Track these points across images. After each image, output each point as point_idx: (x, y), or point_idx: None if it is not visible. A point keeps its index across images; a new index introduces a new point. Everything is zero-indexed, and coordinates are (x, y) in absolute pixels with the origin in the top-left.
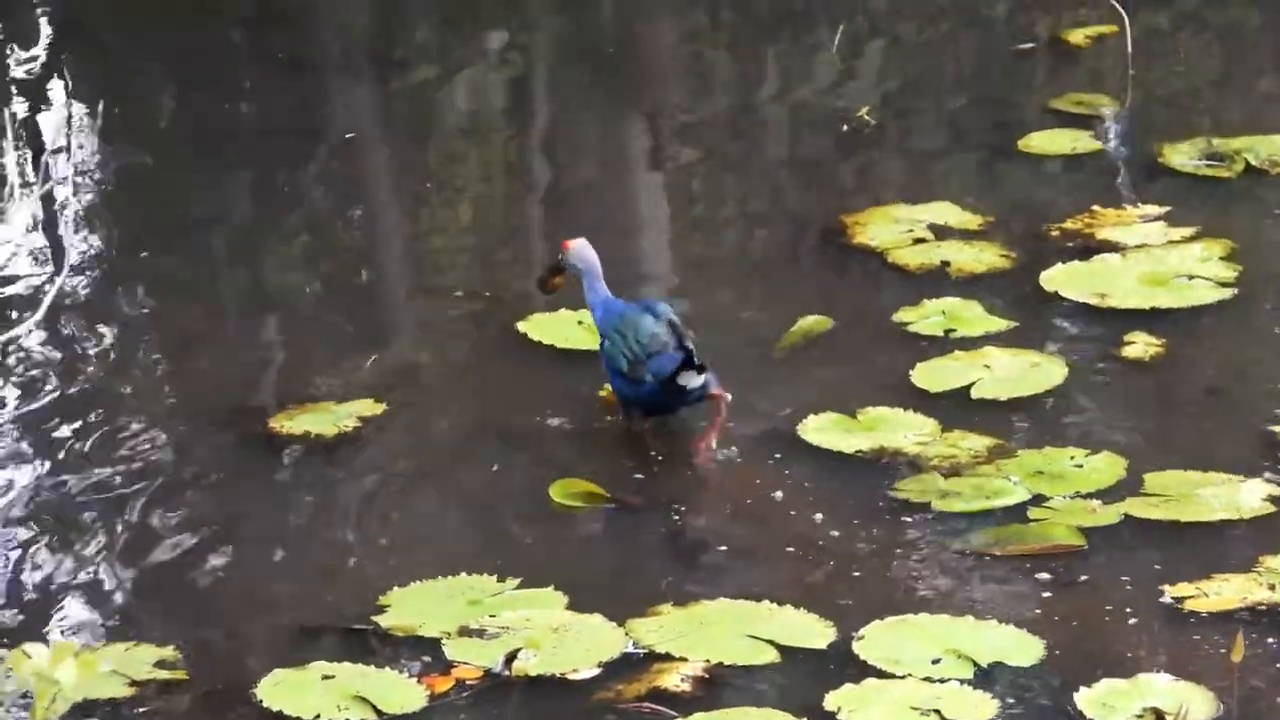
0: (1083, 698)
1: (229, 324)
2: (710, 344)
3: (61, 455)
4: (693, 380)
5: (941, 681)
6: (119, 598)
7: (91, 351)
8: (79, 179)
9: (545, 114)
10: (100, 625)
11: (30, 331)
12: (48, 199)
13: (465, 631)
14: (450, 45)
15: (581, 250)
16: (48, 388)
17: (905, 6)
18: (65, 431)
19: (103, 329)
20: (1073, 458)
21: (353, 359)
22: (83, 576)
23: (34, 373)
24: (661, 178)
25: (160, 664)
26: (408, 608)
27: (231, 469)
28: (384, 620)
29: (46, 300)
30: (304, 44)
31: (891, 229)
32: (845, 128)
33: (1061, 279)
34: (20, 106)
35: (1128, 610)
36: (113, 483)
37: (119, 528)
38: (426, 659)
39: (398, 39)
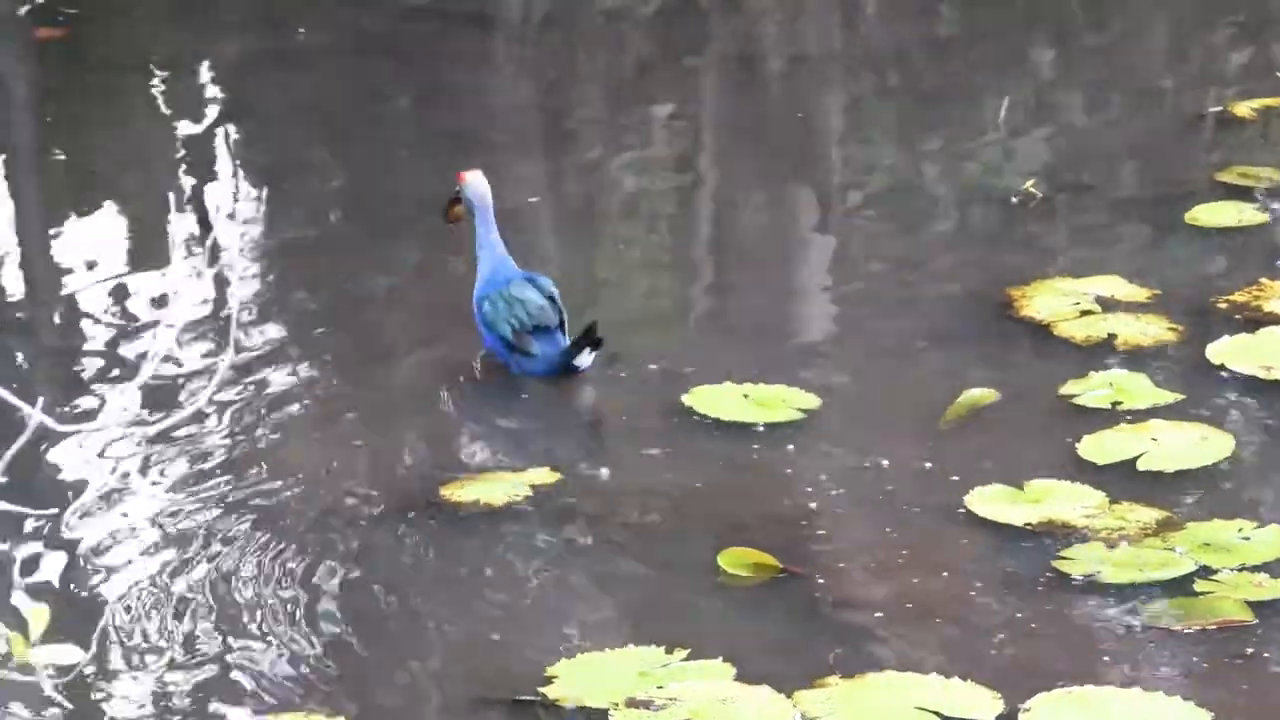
0: None
1: (401, 395)
2: (875, 414)
3: (229, 525)
4: (585, 360)
5: None
6: (288, 668)
7: (261, 426)
8: (246, 254)
9: (711, 185)
10: (270, 695)
11: (200, 409)
12: (216, 276)
13: (633, 703)
14: (618, 118)
15: (476, 184)
16: (216, 462)
17: (1071, 78)
18: (233, 502)
19: (272, 404)
20: (1240, 530)
21: (525, 429)
22: (252, 647)
23: (202, 447)
24: (826, 248)
25: None
26: (575, 678)
27: (401, 538)
28: (551, 691)
29: (216, 378)
30: (470, 119)
31: (1058, 301)
32: (1011, 200)
33: (1229, 351)
34: (186, 181)
35: None
36: (281, 551)
37: (286, 596)
38: None
39: (565, 113)
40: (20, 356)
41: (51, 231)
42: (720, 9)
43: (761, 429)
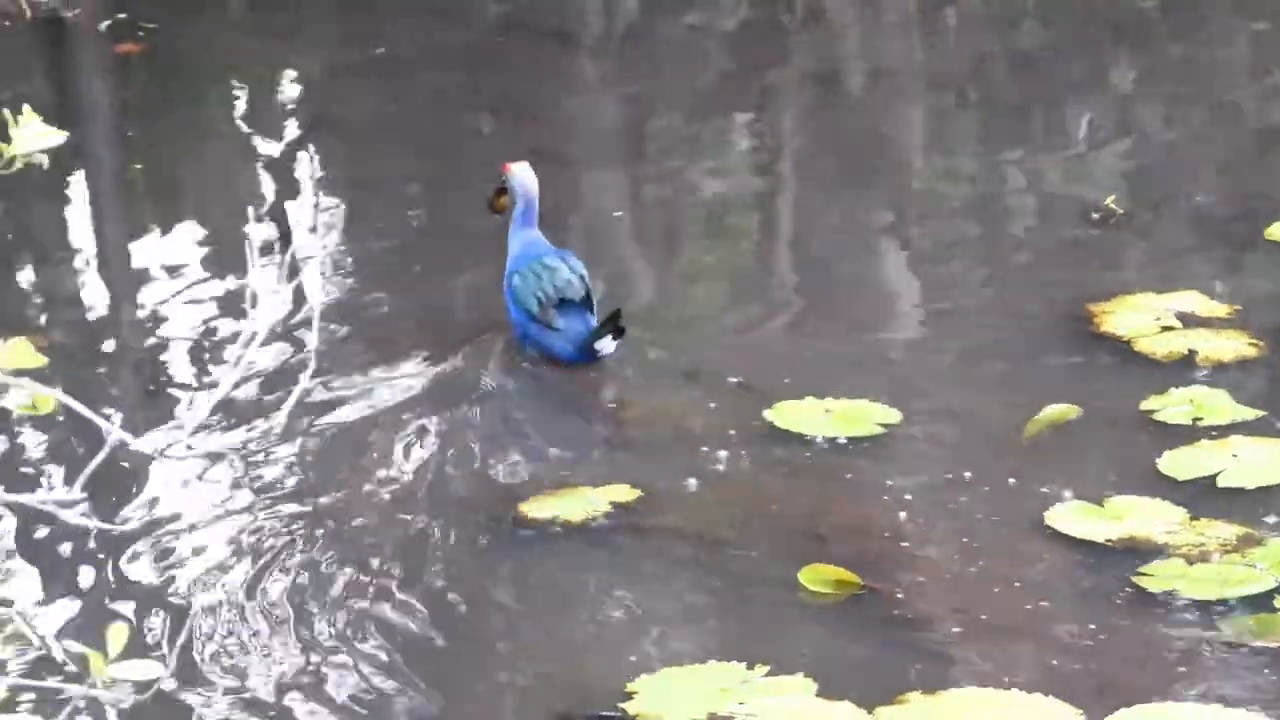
0: None
1: (479, 408)
2: (955, 430)
3: (307, 540)
4: (608, 347)
5: None
6: (368, 683)
7: (339, 440)
8: (325, 266)
9: (791, 198)
10: (350, 711)
11: (279, 422)
12: (296, 288)
13: (714, 719)
14: (699, 131)
15: (521, 174)
16: (294, 476)
17: (1152, 92)
18: (310, 517)
19: (350, 418)
20: None
21: (603, 443)
22: (331, 661)
23: (280, 461)
24: (906, 263)
25: None
26: (656, 694)
27: (480, 553)
28: (632, 707)
29: (295, 391)
30: (552, 132)
31: (1138, 317)
32: (1092, 215)
33: None
34: (266, 194)
35: None
36: (359, 567)
37: (365, 612)
38: None
39: (646, 126)
40: (99, 370)
41: (132, 244)
42: (801, 24)
43: (843, 444)
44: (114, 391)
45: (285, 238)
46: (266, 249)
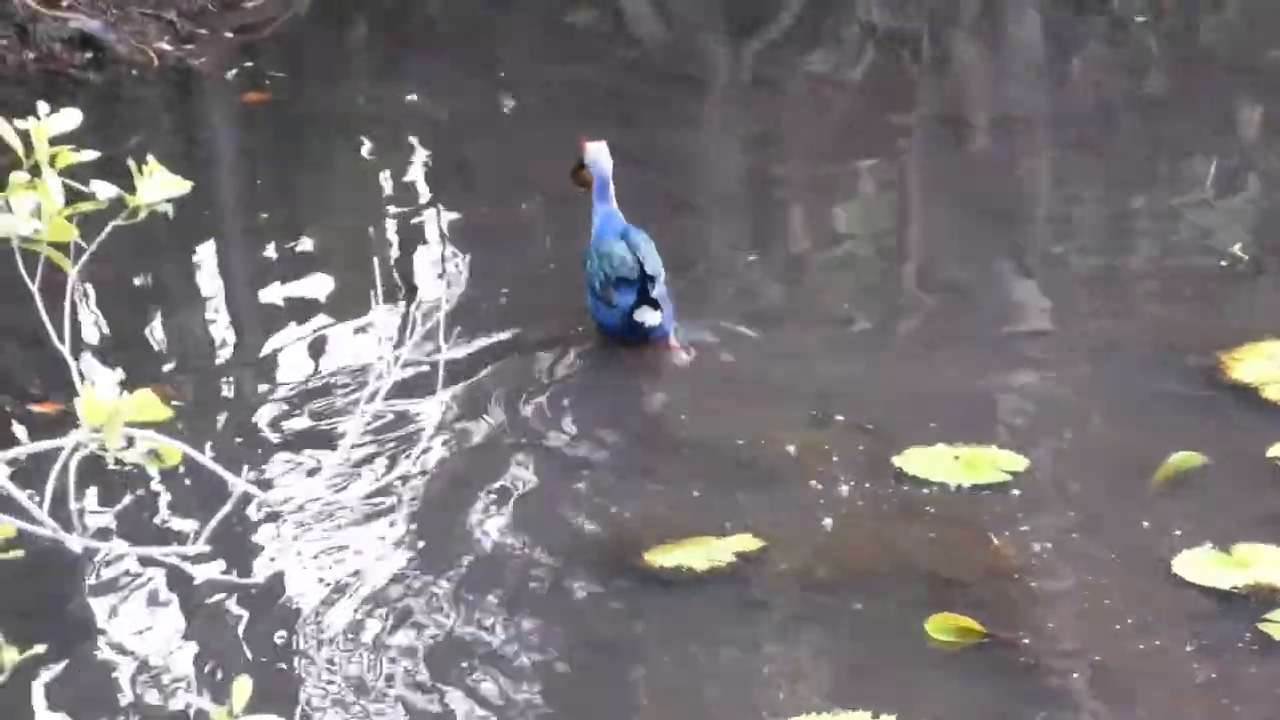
0: None
1: (607, 457)
2: (1081, 475)
3: (432, 588)
4: (648, 317)
5: None
6: None
7: (463, 487)
8: (451, 314)
9: (917, 243)
10: None
11: (404, 474)
12: (422, 336)
13: None
14: (825, 176)
15: (598, 153)
16: (418, 523)
17: (1278, 140)
18: (434, 565)
19: (474, 466)
20: None
21: (730, 490)
22: (458, 711)
23: (404, 508)
24: (1032, 307)
25: None
26: None
27: (606, 602)
28: None
29: (420, 444)
30: (681, 176)
31: (1267, 365)
32: (1220, 263)
33: None
34: (393, 241)
35: None
36: (487, 616)
37: (492, 663)
38: None
39: (773, 171)
40: (226, 420)
41: (258, 293)
42: (926, 71)
43: (971, 491)
44: (240, 442)
45: (411, 287)
46: (393, 298)
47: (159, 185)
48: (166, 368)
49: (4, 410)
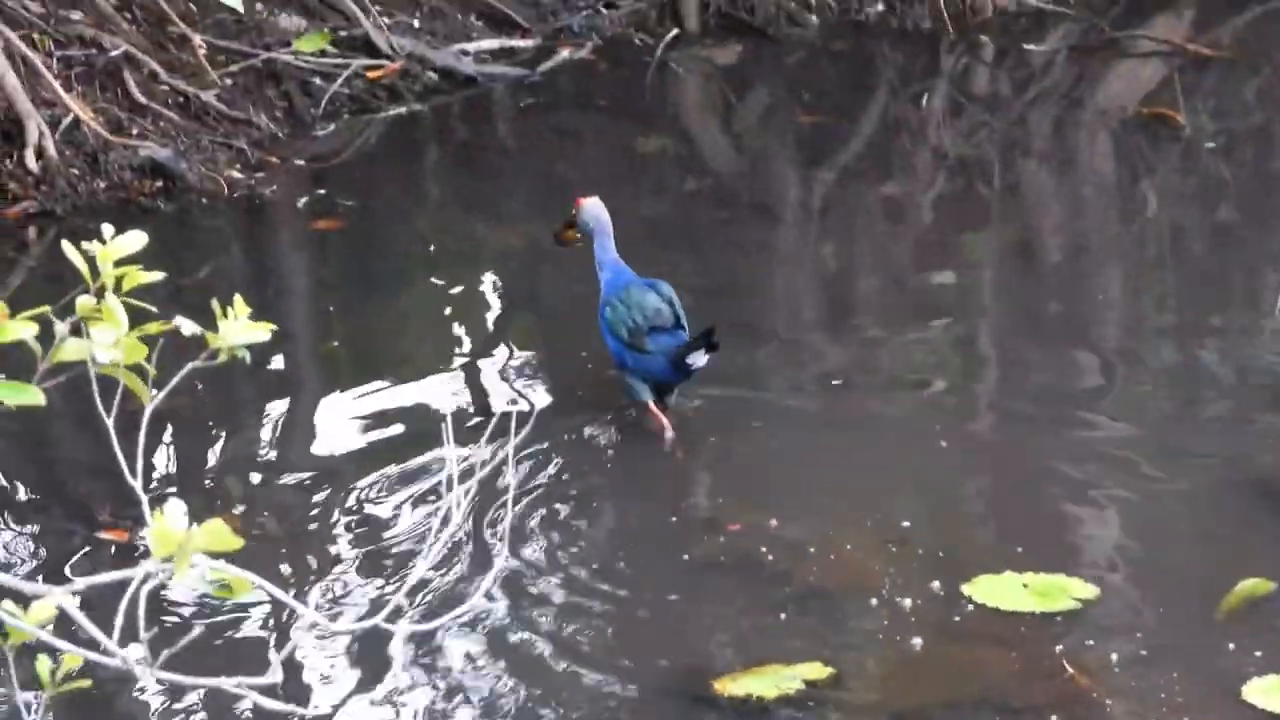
0: None
1: (674, 583)
2: (1151, 602)
3: None
4: (700, 360)
5: None
6: None
7: (532, 621)
8: (524, 449)
9: (989, 366)
10: None
11: (472, 605)
12: (493, 470)
13: None
14: (899, 301)
15: (594, 209)
16: (484, 656)
17: None
18: (507, 695)
19: (543, 598)
20: None
21: (796, 616)
22: None
23: (471, 641)
24: (1101, 430)
25: None
26: None
27: None
28: None
29: (489, 577)
30: (754, 305)
31: None
32: None
33: None
34: (464, 371)
35: None
36: None
37: None
38: None
39: (847, 297)
40: (296, 548)
41: (329, 422)
42: (998, 196)
43: (1041, 618)
44: (310, 571)
45: (484, 416)
46: (464, 427)
47: (240, 329)
48: (237, 496)
49: (75, 539)
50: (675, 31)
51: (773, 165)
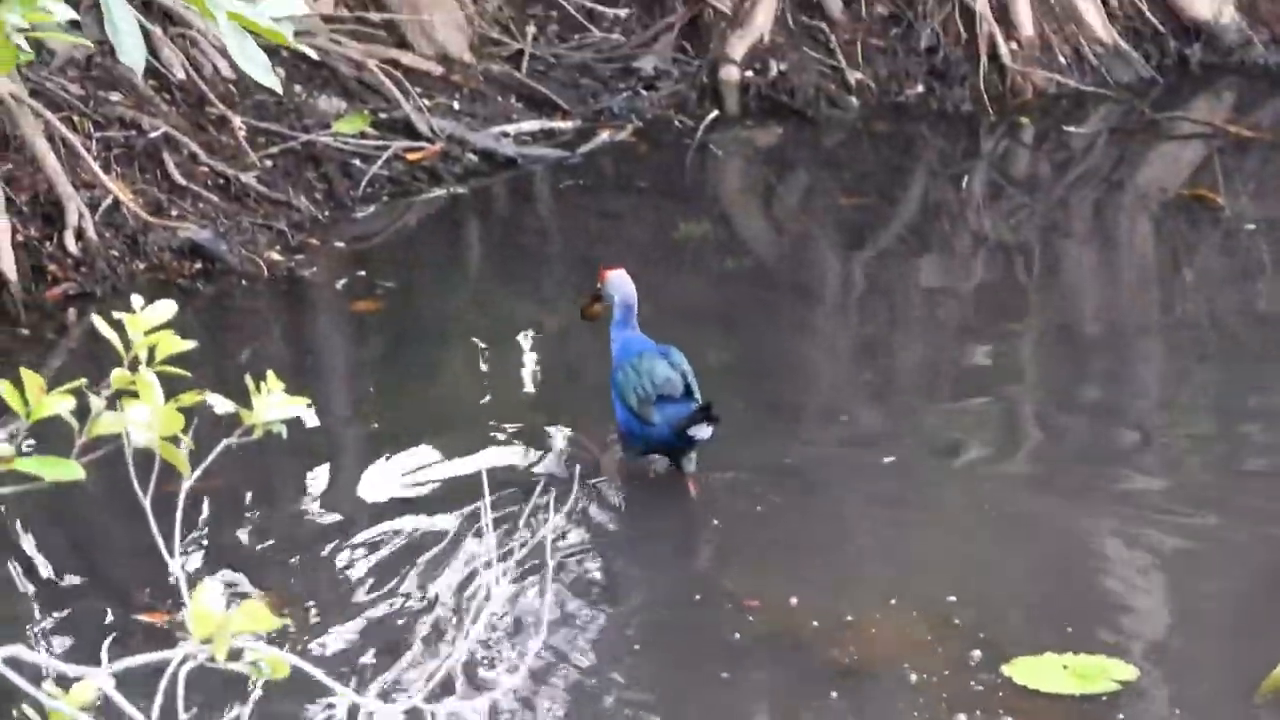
0: None
1: (716, 663)
2: (1189, 686)
3: None
4: (702, 432)
5: None
6: None
7: (577, 709)
8: (561, 531)
9: (1031, 455)
10: None
11: (514, 688)
12: (532, 551)
13: None
14: (939, 388)
15: (619, 281)
16: None
17: None
18: None
19: (584, 686)
20: None
21: (828, 699)
22: None
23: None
24: (1142, 517)
25: None
26: None
27: None
28: None
29: (528, 656)
30: (794, 388)
31: None
32: None
33: None
34: (504, 454)
35: None
36: None
37: None
38: None
39: (887, 383)
40: (335, 628)
41: (368, 502)
42: (1038, 280)
43: (1081, 701)
44: (349, 649)
45: (523, 493)
46: (503, 505)
47: (276, 405)
48: (275, 574)
49: (113, 620)
50: (715, 113)
51: (813, 246)
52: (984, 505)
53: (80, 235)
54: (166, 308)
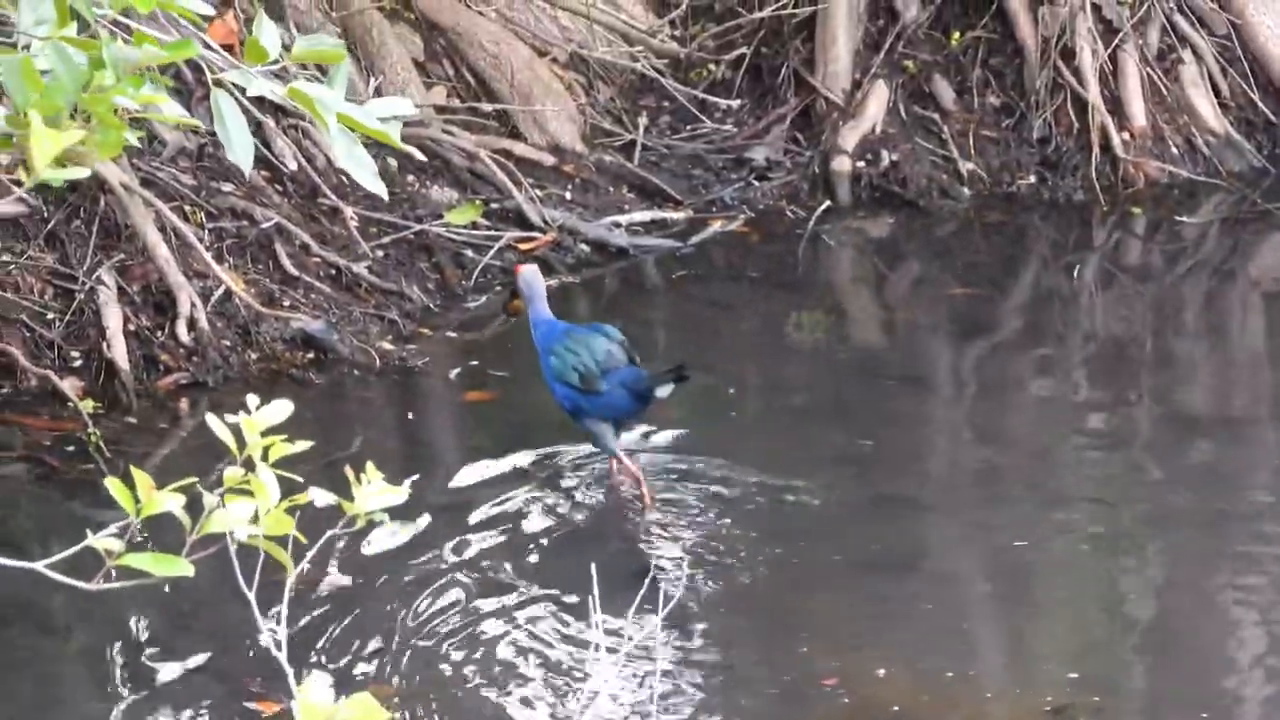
0: None
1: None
2: None
3: None
4: (665, 389)
5: None
6: None
7: None
8: (672, 622)
9: (1137, 547)
10: None
11: None
12: (644, 638)
13: None
14: (1048, 479)
15: (528, 274)
16: None
17: None
18: None
19: None
20: None
21: None
22: None
23: None
24: (1247, 622)
25: None
26: None
27: None
28: None
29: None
30: (908, 479)
31: None
32: None
33: None
34: (617, 545)
35: None
36: None
37: None
38: None
39: (997, 475)
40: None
41: (476, 594)
42: (1149, 370)
43: None
44: None
45: (631, 583)
46: (614, 597)
47: (375, 494)
48: (385, 665)
49: (226, 711)
50: (827, 204)
51: (924, 336)
52: (1099, 597)
53: (192, 325)
54: (282, 408)
